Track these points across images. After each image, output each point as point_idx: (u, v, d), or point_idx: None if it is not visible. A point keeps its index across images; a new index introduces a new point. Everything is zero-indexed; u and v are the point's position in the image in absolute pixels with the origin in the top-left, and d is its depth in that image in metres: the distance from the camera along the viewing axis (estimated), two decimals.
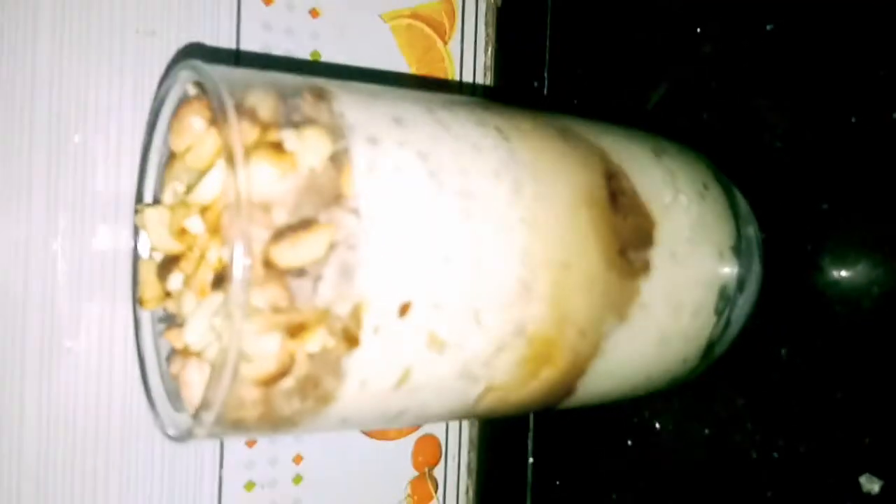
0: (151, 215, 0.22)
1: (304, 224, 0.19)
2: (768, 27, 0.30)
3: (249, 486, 0.32)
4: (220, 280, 0.20)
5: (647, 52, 0.35)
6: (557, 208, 0.23)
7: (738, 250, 0.28)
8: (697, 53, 0.33)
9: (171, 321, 0.23)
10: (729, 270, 0.27)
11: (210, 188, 0.20)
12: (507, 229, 0.22)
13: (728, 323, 0.28)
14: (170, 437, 0.22)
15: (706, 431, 0.32)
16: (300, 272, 0.19)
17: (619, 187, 0.25)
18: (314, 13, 0.32)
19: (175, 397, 0.23)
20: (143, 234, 0.23)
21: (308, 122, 0.20)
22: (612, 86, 0.36)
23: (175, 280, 0.22)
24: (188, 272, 0.22)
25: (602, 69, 0.37)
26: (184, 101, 0.22)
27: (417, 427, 0.36)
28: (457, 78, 0.36)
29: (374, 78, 0.33)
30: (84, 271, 0.30)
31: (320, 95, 0.21)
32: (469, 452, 0.38)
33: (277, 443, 0.32)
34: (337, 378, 0.20)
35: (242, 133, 0.19)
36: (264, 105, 0.20)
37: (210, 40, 0.30)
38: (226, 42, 0.30)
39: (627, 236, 0.24)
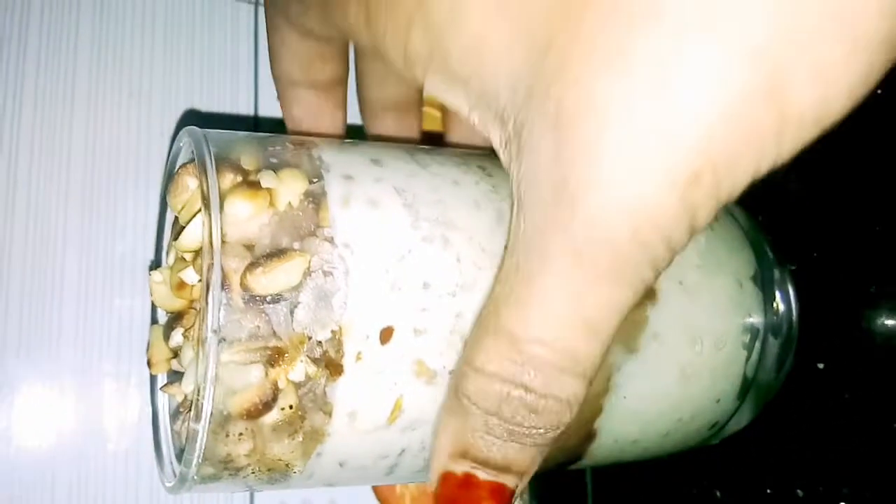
0: (156, 276, 0.23)
1: (279, 253, 0.20)
2: None
3: None
4: None
5: None
6: None
7: (761, 281, 0.26)
8: None
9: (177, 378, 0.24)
10: (750, 301, 0.26)
11: (192, 234, 0.21)
12: (492, 256, 0.22)
13: (763, 361, 0.27)
14: (167, 489, 0.22)
15: (768, 491, 0.30)
16: (277, 299, 0.19)
17: None
18: None
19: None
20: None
21: (287, 165, 0.21)
22: None
23: (176, 336, 0.23)
24: (188, 326, 0.23)
25: None
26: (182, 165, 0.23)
27: None
28: None
29: None
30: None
31: (301, 144, 0.22)
32: None
33: None
34: (325, 410, 0.20)
35: (221, 177, 0.20)
36: (246, 154, 0.21)
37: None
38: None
39: None
